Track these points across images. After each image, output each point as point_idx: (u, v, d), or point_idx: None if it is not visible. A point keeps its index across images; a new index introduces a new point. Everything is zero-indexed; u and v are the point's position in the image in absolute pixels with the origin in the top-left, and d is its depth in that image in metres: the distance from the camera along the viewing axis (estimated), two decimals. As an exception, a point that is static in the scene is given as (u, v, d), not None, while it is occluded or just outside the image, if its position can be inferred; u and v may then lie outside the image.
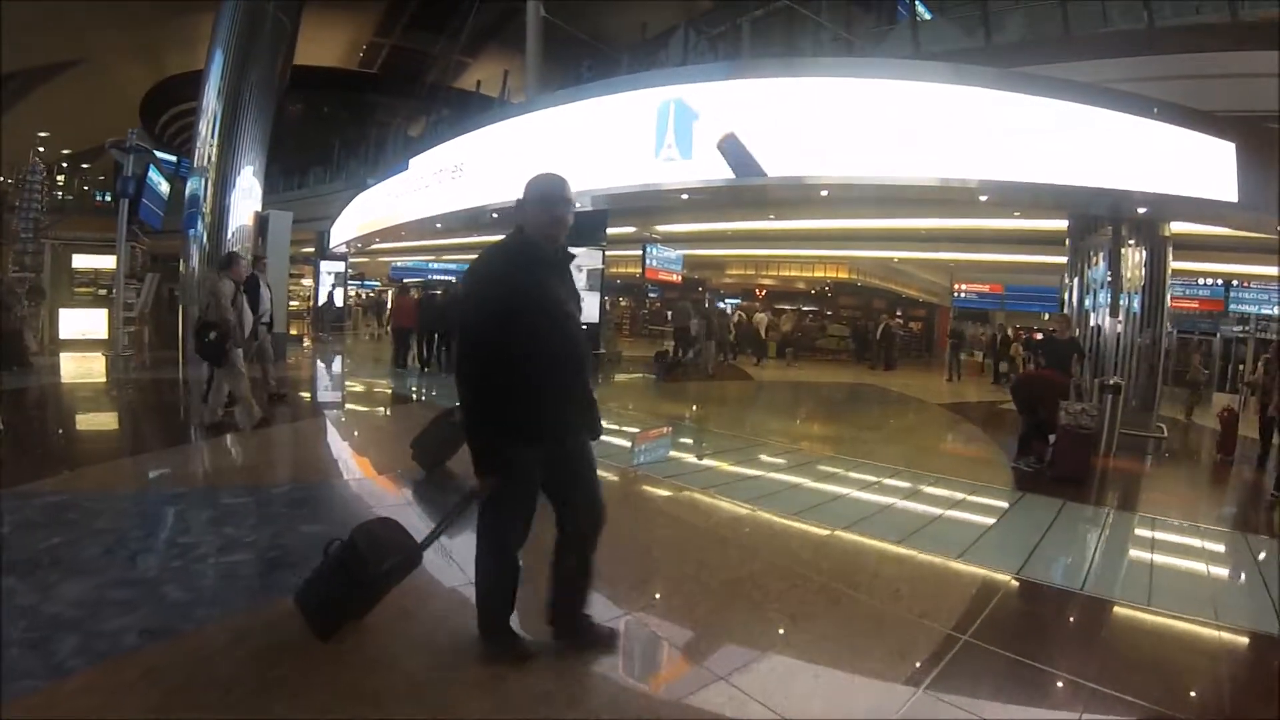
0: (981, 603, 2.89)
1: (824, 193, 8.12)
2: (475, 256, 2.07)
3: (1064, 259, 8.14)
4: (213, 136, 9.24)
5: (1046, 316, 24.75)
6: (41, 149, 28.51)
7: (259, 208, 9.92)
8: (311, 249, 20.17)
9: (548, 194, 2.01)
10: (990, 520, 4.30)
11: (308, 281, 20.45)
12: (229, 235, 9.29)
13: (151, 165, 9.18)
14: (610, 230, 12.35)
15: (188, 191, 9.40)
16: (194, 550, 2.92)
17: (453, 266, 26.77)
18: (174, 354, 9.17)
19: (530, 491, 2.06)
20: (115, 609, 2.33)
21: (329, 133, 26.54)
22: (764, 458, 5.71)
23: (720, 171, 7.35)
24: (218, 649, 2.13)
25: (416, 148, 13.29)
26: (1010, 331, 17.95)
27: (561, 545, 2.17)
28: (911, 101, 6.59)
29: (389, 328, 13.74)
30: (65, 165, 35.45)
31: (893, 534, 3.74)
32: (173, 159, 12.22)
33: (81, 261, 12.76)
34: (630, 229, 13.97)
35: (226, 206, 9.29)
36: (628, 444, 6.12)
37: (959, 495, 4.74)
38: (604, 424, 2.35)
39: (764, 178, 7.01)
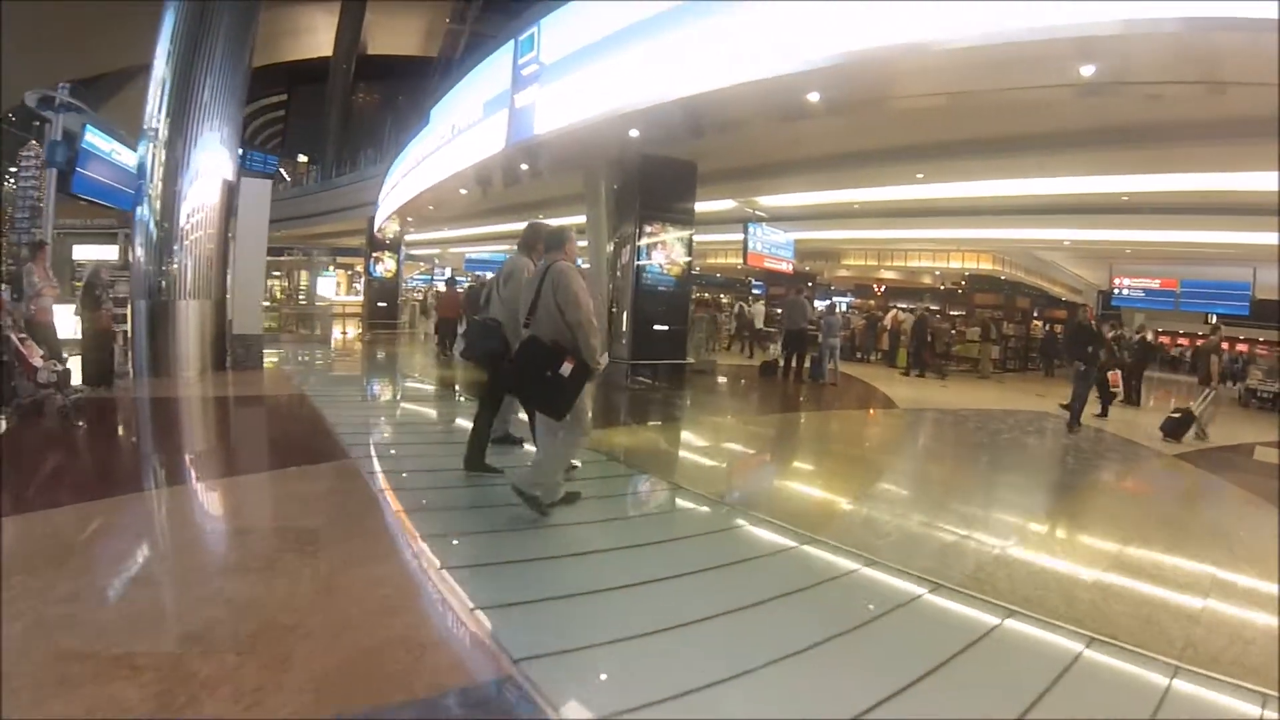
0: None
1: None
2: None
3: None
4: (163, 99, 7.01)
5: (1213, 319, 19.49)
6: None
7: (230, 178, 7.64)
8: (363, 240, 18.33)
9: None
10: None
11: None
12: (187, 213, 6.98)
13: (93, 127, 6.91)
14: (699, 206, 9.30)
15: (136, 165, 7.21)
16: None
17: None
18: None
19: None
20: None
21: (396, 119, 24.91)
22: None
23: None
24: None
25: (438, 96, 10.77)
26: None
27: None
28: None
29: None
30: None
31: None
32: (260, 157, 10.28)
33: (82, 253, 11.82)
34: (728, 203, 10.87)
35: (181, 179, 7.03)
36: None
37: None
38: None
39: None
